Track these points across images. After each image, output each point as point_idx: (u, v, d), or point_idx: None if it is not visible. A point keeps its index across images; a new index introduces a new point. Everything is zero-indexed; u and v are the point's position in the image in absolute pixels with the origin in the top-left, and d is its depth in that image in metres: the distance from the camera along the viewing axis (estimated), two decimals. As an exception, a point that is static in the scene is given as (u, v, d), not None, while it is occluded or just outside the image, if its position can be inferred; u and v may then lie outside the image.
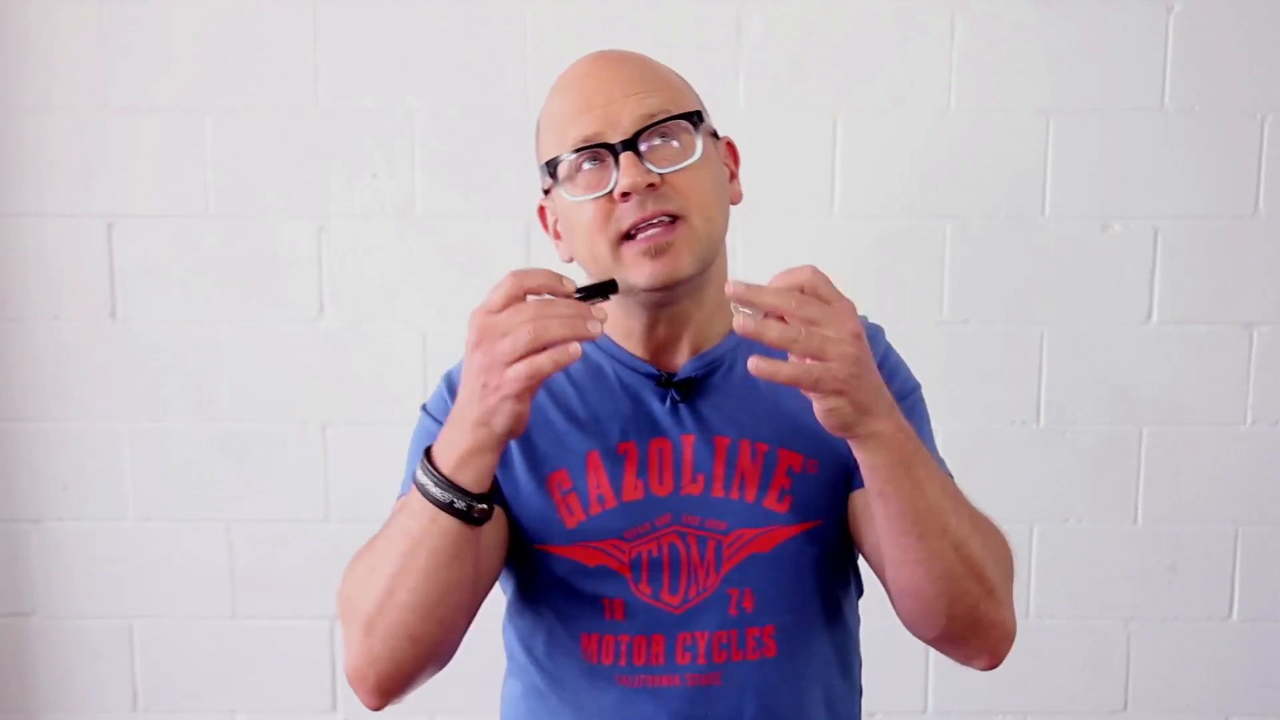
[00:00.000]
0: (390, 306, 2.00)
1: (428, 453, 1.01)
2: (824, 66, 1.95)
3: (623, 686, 1.12)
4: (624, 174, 1.04)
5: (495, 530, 1.11)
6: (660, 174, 1.05)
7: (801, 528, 1.12)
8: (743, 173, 1.19)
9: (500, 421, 0.96)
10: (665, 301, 1.10)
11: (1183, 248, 1.98)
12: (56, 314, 2.01)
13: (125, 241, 1.99)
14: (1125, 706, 2.10)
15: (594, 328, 0.93)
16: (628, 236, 1.06)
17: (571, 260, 1.14)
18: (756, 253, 1.92)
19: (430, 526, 0.99)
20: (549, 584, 1.14)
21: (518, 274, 0.95)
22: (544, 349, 0.92)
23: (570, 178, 1.08)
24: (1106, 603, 2.07)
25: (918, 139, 1.96)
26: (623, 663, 1.12)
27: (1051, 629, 2.07)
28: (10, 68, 1.96)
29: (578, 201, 1.07)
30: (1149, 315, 2.00)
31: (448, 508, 0.99)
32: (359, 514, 1.96)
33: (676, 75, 1.15)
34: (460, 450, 0.98)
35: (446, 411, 1.08)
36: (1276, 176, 1.96)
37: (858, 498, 1.14)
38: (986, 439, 2.01)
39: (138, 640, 2.09)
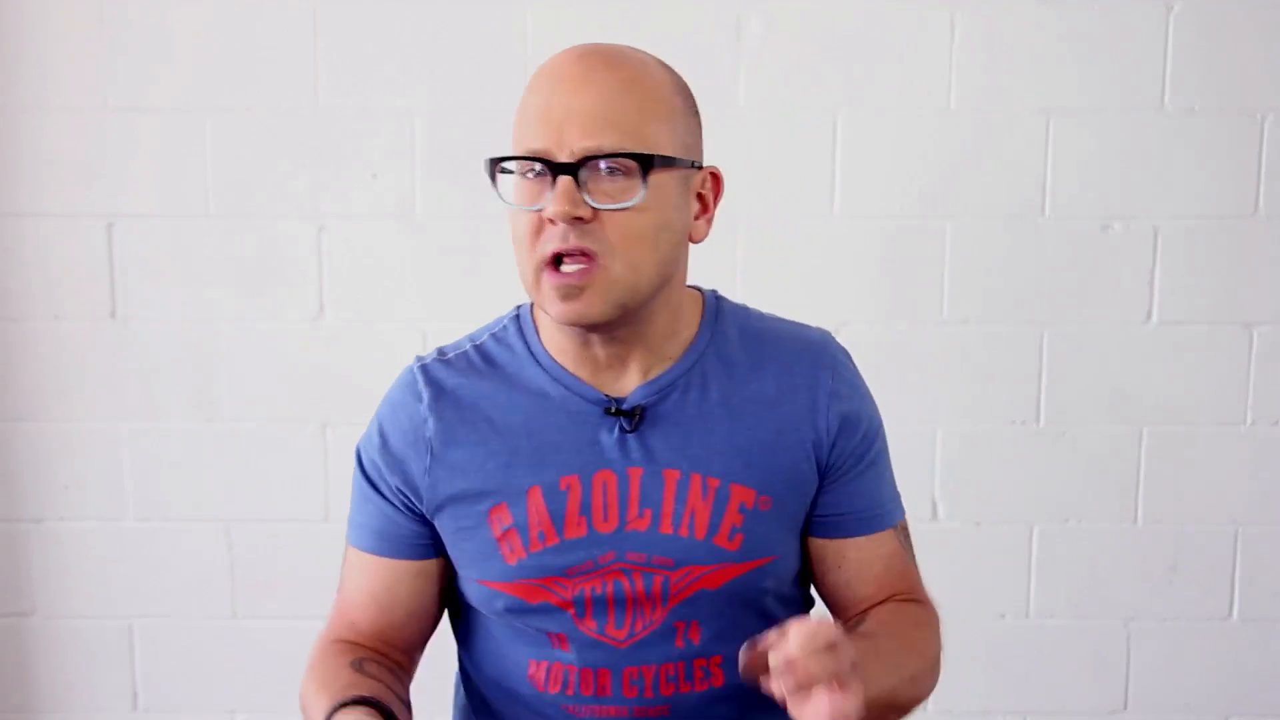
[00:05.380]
0: (390, 306, 2.00)
1: None
2: (824, 66, 1.95)
3: (570, 715, 1.12)
4: (554, 199, 0.99)
5: (431, 585, 1.14)
6: (593, 208, 1.00)
7: (753, 565, 1.10)
8: (742, 173, 1.18)
9: None
10: (590, 331, 1.06)
11: (1183, 248, 1.98)
12: (56, 314, 2.01)
13: (125, 241, 1.99)
14: (1125, 706, 2.10)
15: None
16: (551, 263, 1.02)
17: None
18: (757, 253, 1.92)
19: None
20: (492, 614, 1.13)
21: None
22: None
23: (519, 176, 1.04)
24: (1106, 603, 2.07)
25: (918, 139, 1.96)
26: (570, 692, 1.11)
27: (1051, 629, 2.07)
28: (10, 68, 1.96)
29: (512, 209, 1.04)
30: (1149, 315, 2.00)
31: None
32: (359, 514, 1.96)
33: (665, 94, 1.05)
34: None
35: (380, 468, 1.11)
36: (1276, 176, 1.96)
37: (819, 547, 1.14)
38: (986, 439, 2.01)
39: (138, 640, 2.09)
